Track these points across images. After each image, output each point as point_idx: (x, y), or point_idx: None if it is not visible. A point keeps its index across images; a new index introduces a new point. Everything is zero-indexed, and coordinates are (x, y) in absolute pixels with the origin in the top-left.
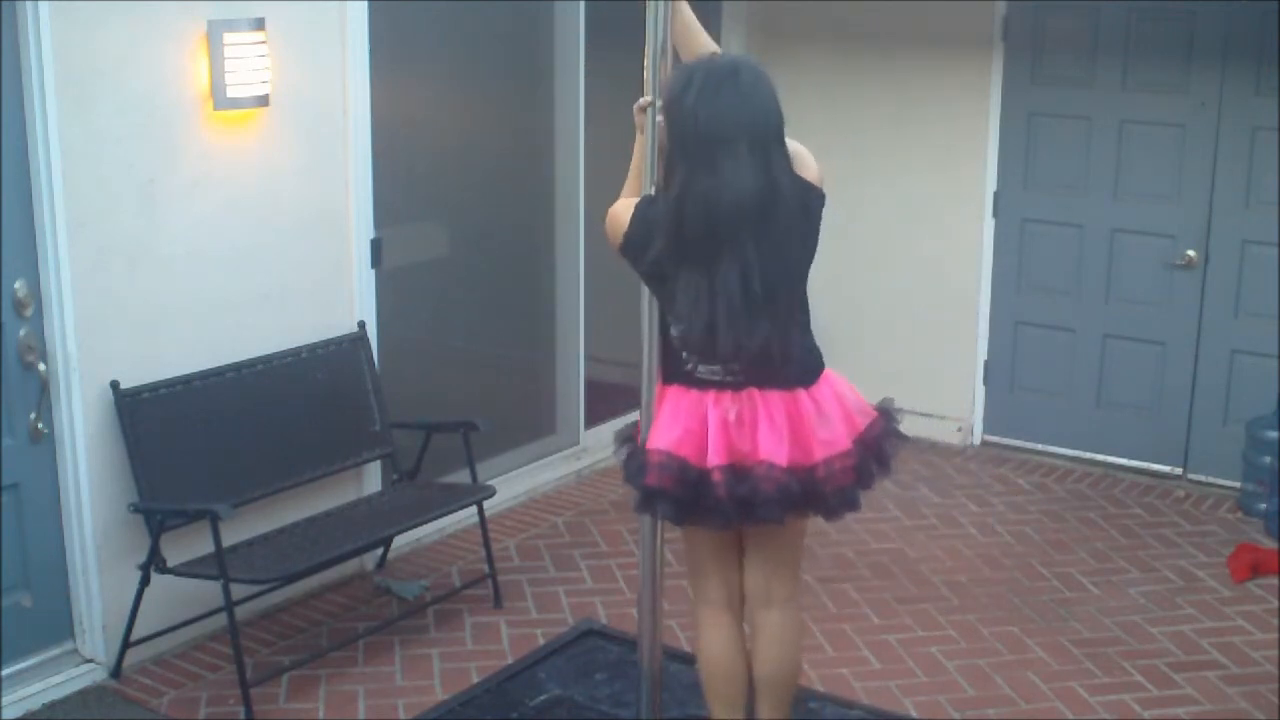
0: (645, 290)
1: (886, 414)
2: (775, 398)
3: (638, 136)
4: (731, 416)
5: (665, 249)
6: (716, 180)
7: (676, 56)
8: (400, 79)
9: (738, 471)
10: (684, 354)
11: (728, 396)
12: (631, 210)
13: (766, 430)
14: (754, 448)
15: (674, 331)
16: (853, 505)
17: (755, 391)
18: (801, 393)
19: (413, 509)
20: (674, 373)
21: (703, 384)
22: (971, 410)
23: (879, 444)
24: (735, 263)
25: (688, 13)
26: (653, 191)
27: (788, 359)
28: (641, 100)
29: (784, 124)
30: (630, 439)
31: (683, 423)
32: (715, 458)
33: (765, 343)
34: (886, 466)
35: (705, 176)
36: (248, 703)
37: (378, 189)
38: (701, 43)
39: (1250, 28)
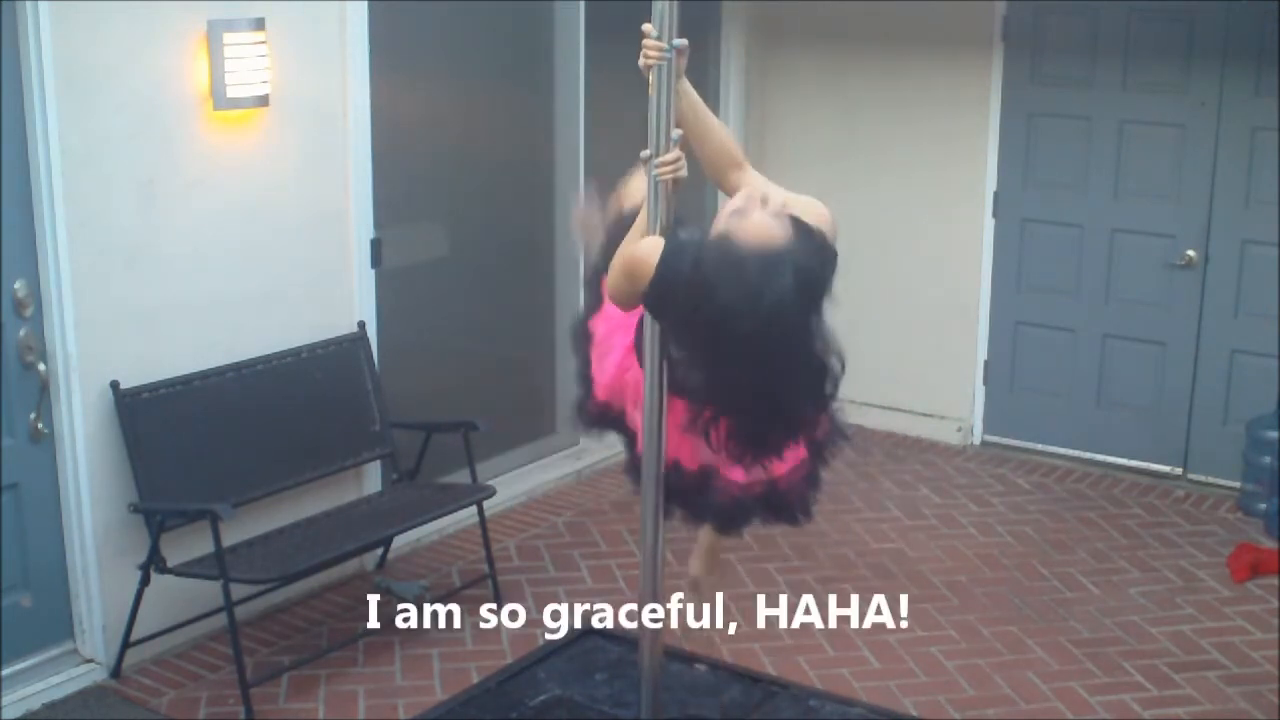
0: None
1: None
2: None
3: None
4: None
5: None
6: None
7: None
8: (400, 79)
9: None
10: None
11: None
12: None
13: None
14: None
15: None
16: None
17: None
18: None
19: (413, 509)
20: None
21: None
22: (971, 410)
23: None
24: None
25: (692, 94)
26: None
27: None
28: (644, 153)
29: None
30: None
31: None
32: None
33: None
34: None
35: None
36: (248, 703)
37: (378, 189)
38: (709, 125)
39: (1250, 28)
